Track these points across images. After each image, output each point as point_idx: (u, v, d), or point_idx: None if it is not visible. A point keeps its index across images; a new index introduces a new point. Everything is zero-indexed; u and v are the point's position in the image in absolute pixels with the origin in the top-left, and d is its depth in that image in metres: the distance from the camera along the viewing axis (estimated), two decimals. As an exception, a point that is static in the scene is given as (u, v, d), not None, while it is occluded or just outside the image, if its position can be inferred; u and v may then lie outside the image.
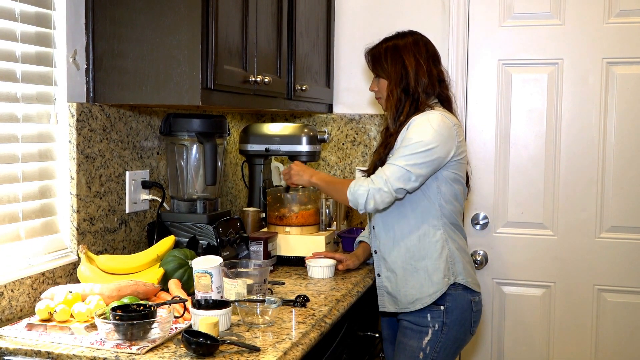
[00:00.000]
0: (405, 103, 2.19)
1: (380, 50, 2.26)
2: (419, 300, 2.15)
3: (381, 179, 2.08)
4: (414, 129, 2.11)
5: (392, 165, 2.09)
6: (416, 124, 2.12)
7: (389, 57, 2.23)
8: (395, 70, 2.21)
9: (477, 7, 2.99)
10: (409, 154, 2.07)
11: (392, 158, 2.11)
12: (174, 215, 2.32)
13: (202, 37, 1.91)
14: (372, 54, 2.30)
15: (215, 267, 1.86)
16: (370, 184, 2.09)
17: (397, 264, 2.19)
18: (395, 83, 2.20)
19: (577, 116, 2.91)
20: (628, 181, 2.87)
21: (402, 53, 2.22)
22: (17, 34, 1.84)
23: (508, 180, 3.01)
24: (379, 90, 2.29)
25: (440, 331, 2.14)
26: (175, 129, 2.32)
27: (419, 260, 2.16)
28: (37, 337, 1.62)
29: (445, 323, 2.14)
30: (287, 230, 2.56)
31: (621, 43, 2.84)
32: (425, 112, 2.15)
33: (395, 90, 2.20)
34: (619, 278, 2.90)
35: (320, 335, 1.81)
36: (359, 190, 2.10)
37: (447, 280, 2.14)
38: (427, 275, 2.15)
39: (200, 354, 1.53)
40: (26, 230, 1.90)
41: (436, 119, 2.11)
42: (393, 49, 2.23)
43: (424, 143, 2.07)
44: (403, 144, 2.11)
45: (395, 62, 2.21)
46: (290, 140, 2.78)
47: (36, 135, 1.93)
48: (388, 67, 2.23)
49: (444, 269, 2.14)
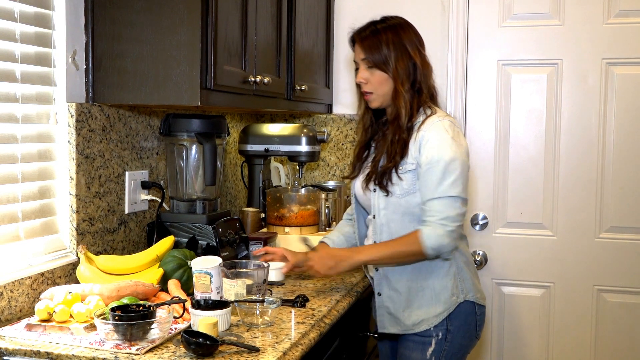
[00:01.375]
0: (414, 101, 2.03)
1: (379, 36, 2.02)
2: (425, 322, 2.04)
3: (448, 219, 1.92)
4: (442, 148, 1.94)
5: (451, 199, 1.93)
6: (438, 139, 1.96)
7: (391, 46, 2.01)
8: (403, 64, 2.01)
9: (477, 7, 2.99)
10: (456, 180, 1.94)
11: (434, 186, 1.93)
12: (173, 215, 2.32)
13: (201, 37, 1.91)
14: (366, 39, 2.04)
15: (214, 267, 1.86)
16: (439, 228, 1.92)
17: (401, 283, 2.06)
18: (404, 79, 2.01)
19: (576, 116, 2.91)
20: (627, 181, 2.87)
21: (405, 42, 2.02)
22: (16, 34, 1.84)
23: (507, 181, 3.01)
24: (369, 83, 2.05)
25: (445, 339, 2.04)
26: (175, 129, 2.32)
27: (425, 278, 2.04)
28: (36, 338, 1.62)
29: (449, 330, 2.03)
30: (286, 231, 2.56)
31: (621, 43, 2.84)
32: (430, 119, 2.00)
33: (405, 86, 2.01)
34: (618, 278, 2.90)
35: (320, 336, 1.80)
36: (436, 244, 1.92)
37: (455, 298, 2.04)
38: (434, 294, 2.03)
39: (200, 354, 1.53)
40: (25, 231, 1.90)
41: (451, 129, 1.98)
42: (394, 35, 2.01)
43: (462, 162, 1.96)
44: (437, 167, 1.93)
45: (402, 54, 2.01)
46: (290, 141, 2.78)
47: (35, 136, 1.93)
48: (391, 59, 2.00)
49: (451, 287, 2.03)
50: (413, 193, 2.01)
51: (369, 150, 2.18)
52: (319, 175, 3.25)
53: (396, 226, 2.05)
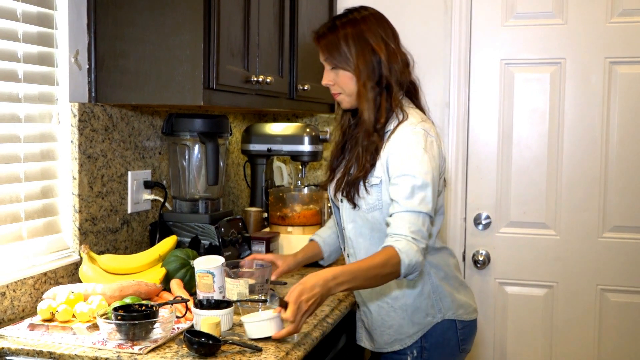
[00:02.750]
0: (381, 99, 1.84)
1: (337, 33, 1.85)
2: (398, 342, 1.93)
3: (419, 233, 1.72)
4: (410, 160, 1.77)
5: (420, 214, 1.73)
6: (408, 152, 1.78)
7: (351, 42, 1.82)
8: (365, 60, 1.83)
9: (480, 6, 2.99)
10: (426, 196, 1.74)
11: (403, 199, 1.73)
12: (176, 215, 2.32)
13: (204, 37, 1.91)
14: (324, 38, 1.88)
15: (217, 267, 1.86)
16: (414, 244, 1.69)
17: (371, 301, 1.95)
18: (367, 75, 1.83)
19: (579, 116, 2.91)
20: (631, 181, 2.86)
21: (366, 35, 1.83)
22: (19, 34, 1.84)
23: (510, 180, 3.00)
24: (336, 84, 1.90)
25: (420, 356, 1.92)
26: (178, 129, 2.32)
27: (395, 298, 1.91)
28: (39, 337, 1.62)
29: (425, 347, 1.91)
30: (289, 230, 2.56)
31: (624, 42, 2.84)
32: (401, 127, 1.82)
33: (367, 85, 1.83)
34: (621, 278, 2.90)
35: (323, 335, 1.80)
36: (413, 260, 1.68)
37: (430, 319, 1.91)
38: (406, 315, 1.90)
39: (202, 354, 1.53)
40: (28, 230, 1.90)
41: (423, 139, 1.79)
42: (354, 29, 1.83)
43: (432, 177, 1.76)
44: (406, 181, 1.75)
45: (363, 49, 1.82)
46: (292, 140, 2.78)
47: (38, 135, 1.93)
48: (352, 55, 1.83)
49: (425, 308, 1.90)
50: (379, 209, 1.85)
51: (344, 154, 2.00)
52: (321, 175, 3.24)
53: (365, 242, 1.91)
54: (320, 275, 1.62)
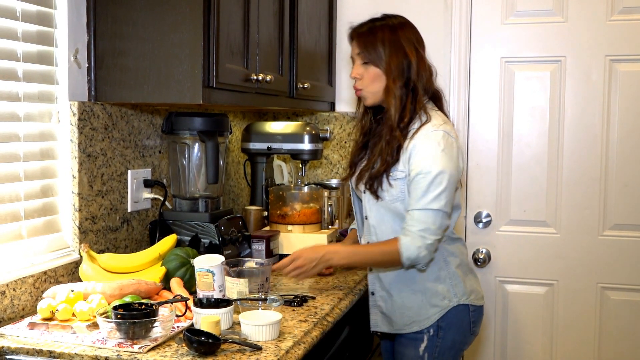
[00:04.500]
0: (407, 100, 1.99)
1: (375, 33, 2.01)
2: (416, 323, 2.05)
3: (428, 231, 1.91)
4: (431, 160, 1.92)
5: (434, 212, 1.91)
6: (428, 151, 1.93)
7: (387, 44, 1.99)
8: (397, 61, 1.98)
9: (480, 4, 2.98)
10: (440, 193, 1.91)
11: (418, 197, 1.92)
12: (176, 213, 2.32)
13: (203, 35, 1.91)
14: (362, 36, 2.03)
15: (217, 265, 1.86)
16: (418, 240, 1.90)
17: (392, 286, 2.08)
18: (396, 75, 1.98)
19: (580, 114, 2.91)
20: (631, 179, 2.86)
21: (401, 40, 1.99)
22: (18, 32, 1.84)
23: (511, 178, 3.00)
24: (363, 79, 2.04)
25: (436, 336, 2.04)
26: (177, 128, 2.32)
27: (417, 282, 2.04)
28: (39, 336, 1.62)
29: (441, 327, 2.04)
30: (289, 229, 2.56)
31: (624, 40, 2.83)
32: (424, 128, 1.97)
33: (396, 83, 1.98)
34: (622, 276, 2.90)
35: (322, 334, 1.80)
36: (413, 255, 1.91)
37: (447, 302, 2.04)
38: (425, 298, 2.04)
39: (202, 353, 1.53)
40: (28, 229, 1.90)
41: (444, 140, 1.95)
42: (391, 33, 2.00)
43: (450, 175, 1.92)
44: (423, 179, 1.91)
45: (397, 51, 1.99)
46: (293, 139, 2.78)
47: (38, 134, 1.93)
48: (385, 55, 1.99)
49: (443, 292, 2.04)
50: (402, 200, 2.00)
51: (365, 150, 2.15)
52: (321, 173, 3.24)
53: (387, 229, 2.05)
54: (326, 246, 1.94)
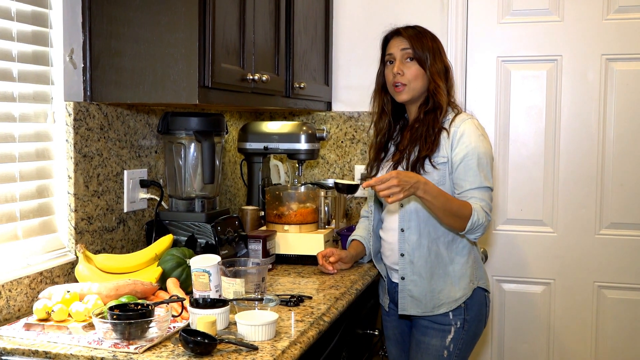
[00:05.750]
0: (448, 98, 2.20)
1: (425, 35, 2.21)
2: (445, 305, 2.18)
3: (488, 207, 2.11)
4: (477, 142, 2.11)
5: (487, 189, 2.11)
6: (473, 134, 2.12)
7: (431, 47, 2.20)
8: (440, 65, 2.19)
9: (476, 4, 2.99)
10: (487, 172, 2.12)
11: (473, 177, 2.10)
12: (172, 214, 2.32)
13: (199, 35, 1.90)
14: (412, 34, 2.20)
15: (213, 265, 1.86)
16: (484, 215, 2.08)
17: (425, 269, 2.19)
18: (441, 77, 2.19)
19: (576, 113, 2.91)
20: (627, 178, 2.87)
21: (441, 49, 2.23)
22: (13, 33, 1.84)
23: (507, 177, 3.00)
24: (405, 74, 2.19)
25: (462, 328, 2.18)
26: (173, 128, 2.31)
27: (447, 265, 2.18)
28: (34, 337, 1.61)
29: (466, 320, 2.18)
30: (285, 229, 2.55)
31: (620, 39, 2.84)
32: (460, 117, 2.16)
33: (441, 78, 2.18)
34: (618, 275, 2.90)
35: (319, 334, 1.80)
36: (477, 224, 2.07)
37: (472, 285, 2.20)
38: (455, 279, 2.18)
39: (198, 353, 1.53)
40: (24, 230, 1.90)
41: (480, 127, 2.17)
42: (433, 41, 2.21)
43: (490, 156, 2.15)
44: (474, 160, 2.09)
45: (439, 56, 2.21)
46: (289, 139, 2.78)
47: (33, 135, 1.93)
48: (430, 56, 2.19)
49: (470, 274, 2.19)
50: (442, 185, 2.12)
51: (386, 151, 2.32)
52: (318, 173, 3.24)
53: (425, 214, 2.16)
54: (418, 175, 2.00)
